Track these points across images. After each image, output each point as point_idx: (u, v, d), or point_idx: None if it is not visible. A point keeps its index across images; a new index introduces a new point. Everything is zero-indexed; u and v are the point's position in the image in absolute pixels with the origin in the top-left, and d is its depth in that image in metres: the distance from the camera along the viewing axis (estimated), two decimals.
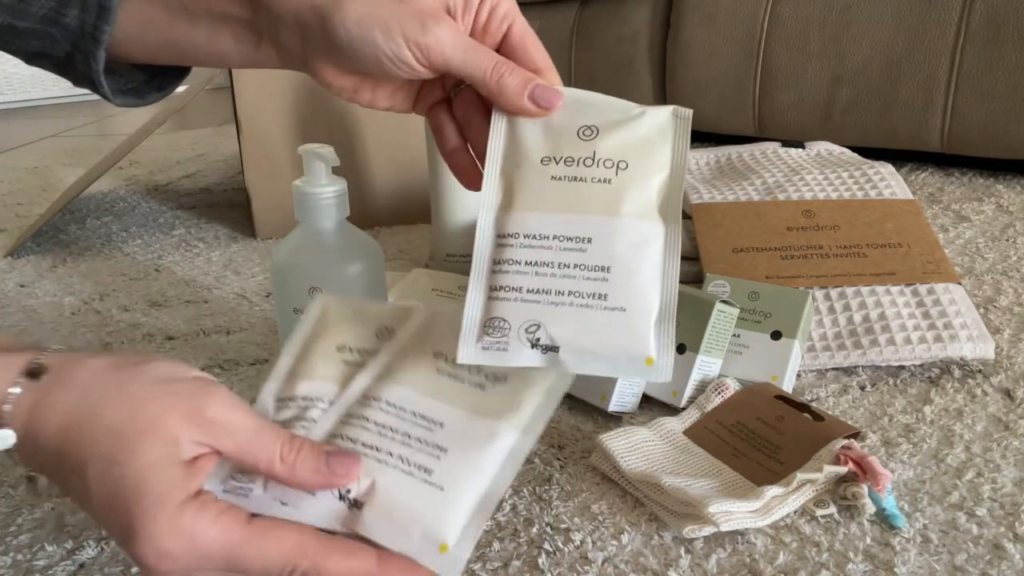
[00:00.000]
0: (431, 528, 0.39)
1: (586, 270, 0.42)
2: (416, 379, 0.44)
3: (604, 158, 0.44)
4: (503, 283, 0.42)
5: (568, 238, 0.42)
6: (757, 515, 0.46)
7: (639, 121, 0.45)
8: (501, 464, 0.41)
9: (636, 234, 0.42)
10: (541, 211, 0.43)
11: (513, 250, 0.42)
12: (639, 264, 0.42)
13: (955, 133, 1.16)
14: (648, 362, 0.41)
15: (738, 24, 1.33)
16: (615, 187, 0.43)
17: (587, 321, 0.41)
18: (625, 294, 0.41)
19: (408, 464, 0.41)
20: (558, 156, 0.44)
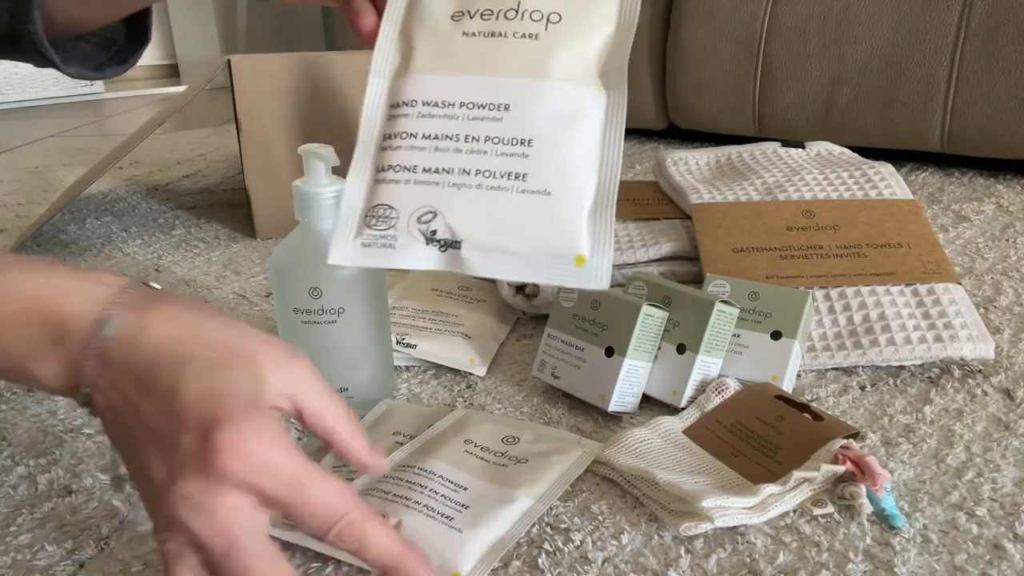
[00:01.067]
0: (447, 559, 0.42)
1: (501, 143, 0.34)
2: (446, 454, 0.49)
3: (531, 9, 0.35)
4: (393, 161, 0.34)
5: (480, 105, 0.34)
6: (753, 511, 0.46)
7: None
8: (515, 522, 0.45)
9: (567, 101, 0.34)
10: (447, 73, 0.35)
11: (408, 120, 0.34)
12: (570, 138, 0.34)
13: (955, 133, 1.16)
14: (579, 261, 0.34)
15: (738, 24, 1.33)
16: (543, 44, 0.35)
17: (499, 208, 0.33)
18: (550, 174, 0.34)
19: (432, 511, 0.45)
20: (472, 9, 0.36)
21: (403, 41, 0.36)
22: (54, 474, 0.55)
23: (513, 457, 0.52)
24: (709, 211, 0.76)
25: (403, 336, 0.67)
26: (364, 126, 0.35)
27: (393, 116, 0.35)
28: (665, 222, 0.80)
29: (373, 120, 0.35)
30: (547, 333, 0.62)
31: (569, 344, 0.61)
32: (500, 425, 0.56)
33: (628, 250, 0.74)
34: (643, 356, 0.59)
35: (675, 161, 0.90)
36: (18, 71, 2.50)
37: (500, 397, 0.62)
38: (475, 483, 0.49)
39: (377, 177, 0.34)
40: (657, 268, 0.75)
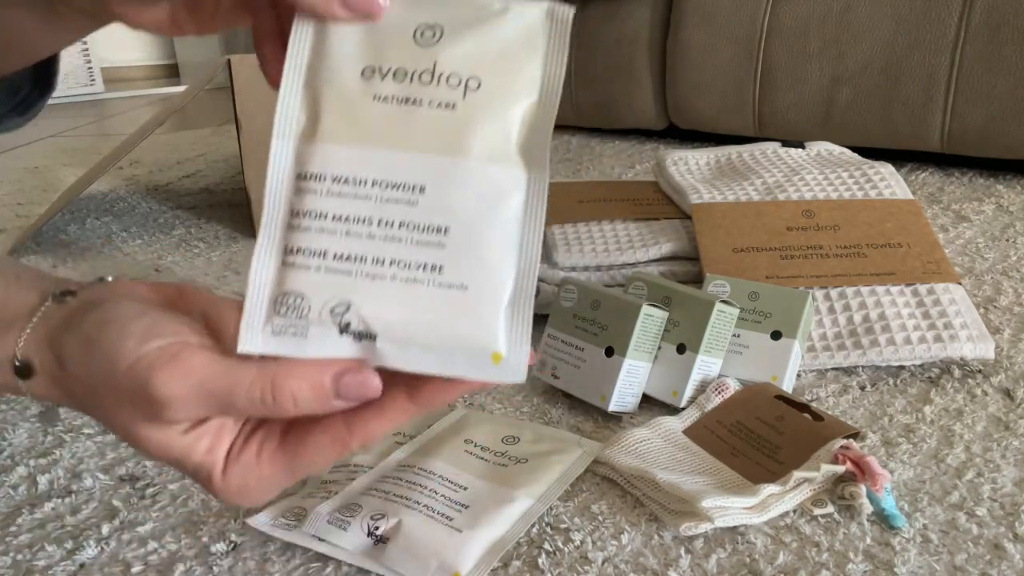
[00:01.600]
0: (447, 560, 0.43)
1: (416, 231, 0.31)
2: (446, 454, 0.51)
3: (448, 72, 0.32)
4: (302, 244, 0.32)
5: (393, 185, 0.32)
6: (753, 511, 0.46)
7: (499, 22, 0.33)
8: (515, 521, 0.46)
9: (486, 183, 0.32)
10: (357, 144, 0.32)
11: (317, 198, 0.32)
12: (488, 225, 0.32)
13: (955, 133, 1.16)
14: (495, 358, 0.32)
15: (738, 24, 1.33)
16: (461, 115, 0.32)
17: (414, 301, 0.31)
18: (467, 266, 0.31)
19: (432, 511, 0.46)
20: (385, 67, 0.32)
21: (309, 96, 0.33)
22: (54, 474, 0.55)
23: (513, 457, 0.52)
24: (709, 211, 0.76)
25: None
26: (269, 196, 0.32)
27: (301, 190, 0.32)
28: (665, 222, 0.80)
29: (278, 190, 0.32)
30: (547, 333, 0.62)
31: (569, 344, 0.61)
32: (500, 425, 0.56)
33: (628, 250, 0.74)
34: (643, 356, 0.59)
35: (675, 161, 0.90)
36: None
37: (500, 397, 0.62)
38: (475, 483, 0.49)
39: (286, 260, 0.32)
40: (657, 268, 0.75)
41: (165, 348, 0.33)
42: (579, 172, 1.33)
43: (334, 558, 0.45)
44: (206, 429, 0.35)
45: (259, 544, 0.47)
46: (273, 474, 0.36)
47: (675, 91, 1.44)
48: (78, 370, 0.35)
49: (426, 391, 0.33)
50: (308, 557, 0.46)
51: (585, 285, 0.61)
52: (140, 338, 0.34)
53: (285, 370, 0.32)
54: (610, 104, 1.55)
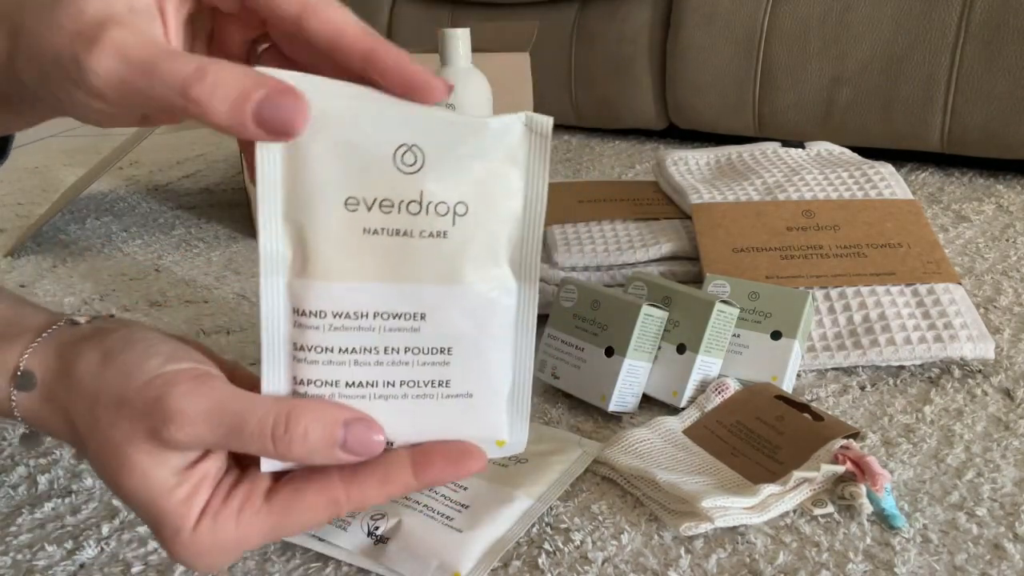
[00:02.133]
0: (447, 560, 0.43)
1: (421, 354, 0.33)
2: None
3: (436, 202, 0.32)
4: (312, 376, 0.33)
5: (395, 315, 0.32)
6: (753, 512, 0.46)
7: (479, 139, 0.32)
8: (515, 521, 0.46)
9: (482, 303, 0.33)
10: (355, 280, 0.32)
11: (320, 334, 0.32)
12: (487, 338, 0.34)
13: (955, 133, 1.16)
14: (499, 444, 0.35)
15: (738, 24, 1.33)
16: (452, 243, 0.32)
17: (425, 412, 0.34)
18: (471, 377, 0.34)
19: (432, 511, 0.46)
20: (369, 197, 0.32)
21: (292, 230, 0.32)
22: (54, 474, 0.55)
23: (513, 457, 0.52)
24: (709, 211, 0.76)
25: None
26: (266, 333, 0.32)
27: (301, 325, 0.32)
28: (665, 222, 0.80)
29: (276, 326, 0.32)
30: (547, 333, 0.62)
31: (569, 344, 0.61)
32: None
33: (628, 250, 0.74)
34: (643, 356, 0.59)
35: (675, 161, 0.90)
36: None
37: None
38: (475, 483, 0.49)
39: (296, 390, 0.33)
40: (657, 268, 0.75)
41: (189, 369, 0.34)
42: (579, 172, 1.33)
43: (334, 558, 0.45)
44: (190, 475, 0.33)
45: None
46: (252, 533, 0.34)
47: (675, 91, 1.44)
48: (86, 379, 0.34)
49: (432, 471, 0.34)
50: (308, 557, 0.46)
51: (585, 285, 0.61)
52: (166, 358, 0.34)
53: (303, 406, 0.32)
54: (610, 104, 1.55)
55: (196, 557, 0.34)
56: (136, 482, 0.33)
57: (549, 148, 0.33)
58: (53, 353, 0.36)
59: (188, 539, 0.33)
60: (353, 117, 0.31)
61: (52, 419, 0.36)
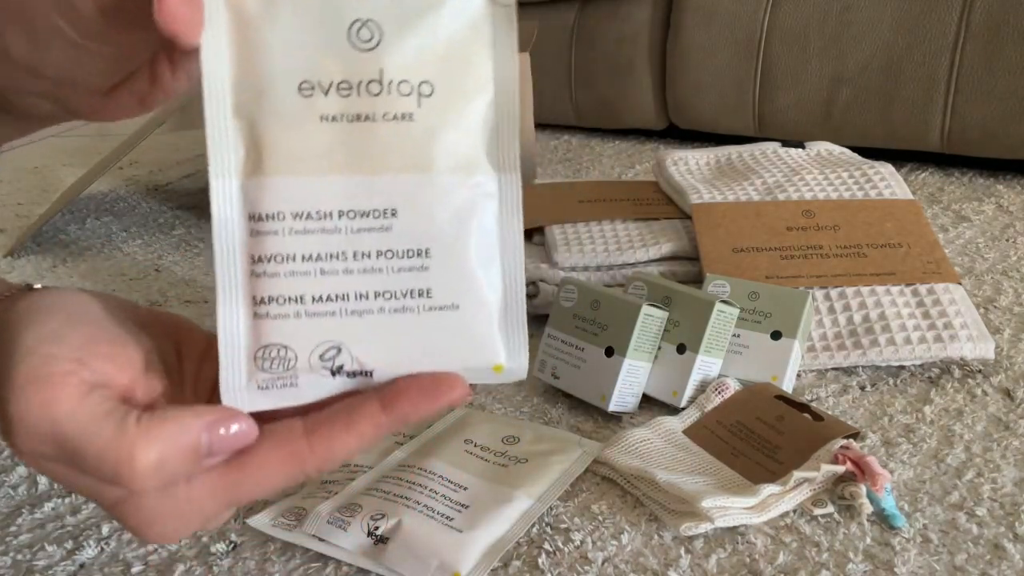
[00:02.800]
0: (447, 560, 0.43)
1: (396, 257, 0.29)
2: (446, 454, 0.51)
3: (398, 79, 0.29)
4: (273, 292, 0.29)
5: (362, 213, 0.29)
6: (753, 512, 0.46)
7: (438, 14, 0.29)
8: (515, 521, 0.47)
9: (459, 196, 0.29)
10: (312, 173, 0.28)
11: (279, 239, 0.28)
12: (469, 239, 0.30)
13: (955, 133, 1.16)
14: (497, 369, 0.31)
15: (738, 24, 1.33)
16: (420, 125, 0.29)
17: (407, 330, 0.29)
18: (455, 285, 0.30)
19: (432, 511, 0.46)
20: (326, 80, 0.28)
21: (243, 124, 0.28)
22: None
23: (513, 457, 0.52)
24: (709, 211, 0.76)
25: None
26: (219, 243, 0.28)
27: (257, 232, 0.28)
28: (665, 222, 0.80)
29: (230, 237, 0.28)
30: (547, 333, 0.62)
31: (569, 344, 0.61)
32: (500, 425, 0.56)
33: (628, 250, 0.74)
34: (643, 356, 0.59)
35: (675, 161, 0.90)
36: None
37: (500, 397, 0.62)
38: (475, 483, 0.49)
39: (257, 311, 0.29)
40: (657, 268, 0.75)
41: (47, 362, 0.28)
42: (579, 172, 1.33)
43: (334, 558, 0.45)
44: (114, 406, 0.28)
45: (259, 544, 0.47)
46: (205, 498, 0.29)
47: (675, 91, 1.44)
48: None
49: (403, 402, 0.30)
50: (308, 557, 0.46)
51: (585, 285, 0.61)
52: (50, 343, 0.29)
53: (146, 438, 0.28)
54: (610, 104, 1.55)
55: (145, 526, 0.30)
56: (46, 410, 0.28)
57: (515, 19, 0.30)
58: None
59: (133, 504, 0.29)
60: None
61: None
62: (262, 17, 0.28)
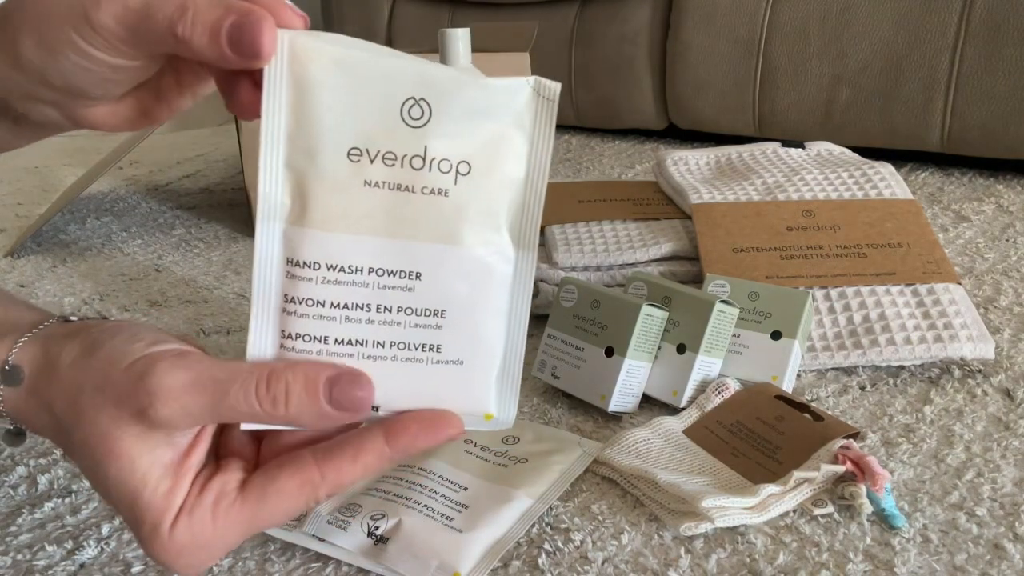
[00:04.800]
0: (447, 560, 0.43)
1: (415, 315, 0.32)
2: (446, 454, 0.50)
3: (440, 158, 0.32)
4: (301, 330, 0.32)
5: (391, 272, 0.32)
6: (753, 512, 0.46)
7: (486, 100, 0.32)
8: (515, 521, 0.46)
9: (478, 267, 0.33)
10: (352, 232, 0.32)
11: (312, 286, 0.32)
12: (482, 306, 0.33)
13: (955, 133, 1.16)
14: (487, 417, 0.34)
15: (738, 24, 1.33)
16: (453, 203, 0.32)
17: (414, 377, 0.33)
18: (463, 344, 0.33)
19: (432, 511, 0.46)
20: (373, 149, 0.31)
21: (292, 177, 0.31)
22: (54, 474, 0.55)
23: (513, 457, 0.52)
24: (709, 211, 0.76)
25: None
26: (258, 280, 0.32)
27: (293, 276, 0.32)
28: (665, 222, 0.80)
29: (268, 275, 0.32)
30: (547, 333, 0.62)
31: (569, 344, 0.61)
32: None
33: (628, 250, 0.74)
34: (643, 356, 0.59)
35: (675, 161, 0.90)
36: None
37: None
38: (475, 483, 0.49)
39: (284, 343, 0.32)
40: (657, 268, 0.75)
41: (172, 349, 0.34)
42: (579, 172, 1.33)
43: (334, 558, 0.45)
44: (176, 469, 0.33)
45: (259, 544, 0.47)
46: (229, 527, 0.33)
47: (675, 91, 1.44)
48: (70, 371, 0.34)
49: (405, 436, 0.33)
50: (308, 557, 0.46)
51: (585, 285, 0.61)
52: (149, 342, 0.34)
53: (285, 365, 0.32)
54: (610, 104, 1.55)
55: (175, 557, 0.33)
56: (122, 470, 0.32)
57: (555, 114, 0.33)
58: (40, 349, 0.36)
59: (166, 538, 0.33)
60: (363, 67, 0.31)
61: (37, 414, 0.35)
62: (323, 84, 0.31)
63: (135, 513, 0.33)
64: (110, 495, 0.34)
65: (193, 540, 0.33)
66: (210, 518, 0.33)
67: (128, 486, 0.33)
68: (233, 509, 0.33)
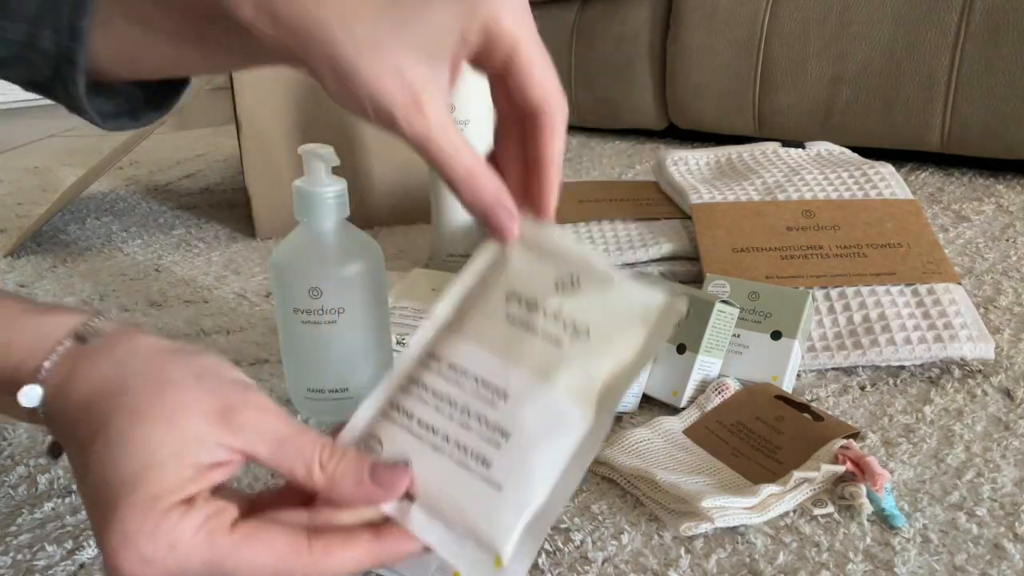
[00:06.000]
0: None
1: (485, 426, 0.35)
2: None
3: (568, 319, 0.37)
4: (402, 404, 0.37)
5: (487, 384, 0.36)
6: (753, 511, 0.46)
7: (626, 294, 0.38)
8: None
9: (557, 412, 0.35)
10: (477, 344, 0.38)
11: (431, 375, 0.37)
12: (542, 446, 0.35)
13: (955, 133, 1.16)
14: (497, 562, 0.34)
15: (738, 24, 1.33)
16: (563, 353, 0.36)
17: (457, 482, 0.35)
18: (510, 471, 0.34)
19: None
20: (522, 294, 0.38)
21: (466, 301, 0.39)
22: (54, 474, 0.55)
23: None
24: (709, 211, 0.76)
25: (403, 336, 0.67)
26: (401, 362, 0.39)
27: (424, 364, 0.38)
28: (665, 222, 0.80)
29: (410, 358, 0.39)
30: None
31: None
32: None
33: (628, 250, 0.74)
34: None
35: (675, 161, 0.90)
36: None
37: None
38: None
39: (385, 410, 0.38)
40: (657, 268, 0.75)
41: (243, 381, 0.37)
42: (579, 172, 1.33)
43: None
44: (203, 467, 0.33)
45: None
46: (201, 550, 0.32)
47: (675, 91, 1.44)
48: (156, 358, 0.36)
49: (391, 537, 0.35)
50: None
51: None
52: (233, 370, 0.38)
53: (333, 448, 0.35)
54: (610, 104, 1.55)
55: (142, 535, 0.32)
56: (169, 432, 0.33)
57: (676, 323, 0.38)
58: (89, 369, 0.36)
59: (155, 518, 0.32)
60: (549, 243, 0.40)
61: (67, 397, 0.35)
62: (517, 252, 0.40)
63: (147, 475, 0.32)
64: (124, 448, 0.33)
65: (169, 534, 0.32)
66: (194, 528, 0.32)
67: (162, 450, 0.33)
68: (216, 534, 0.33)
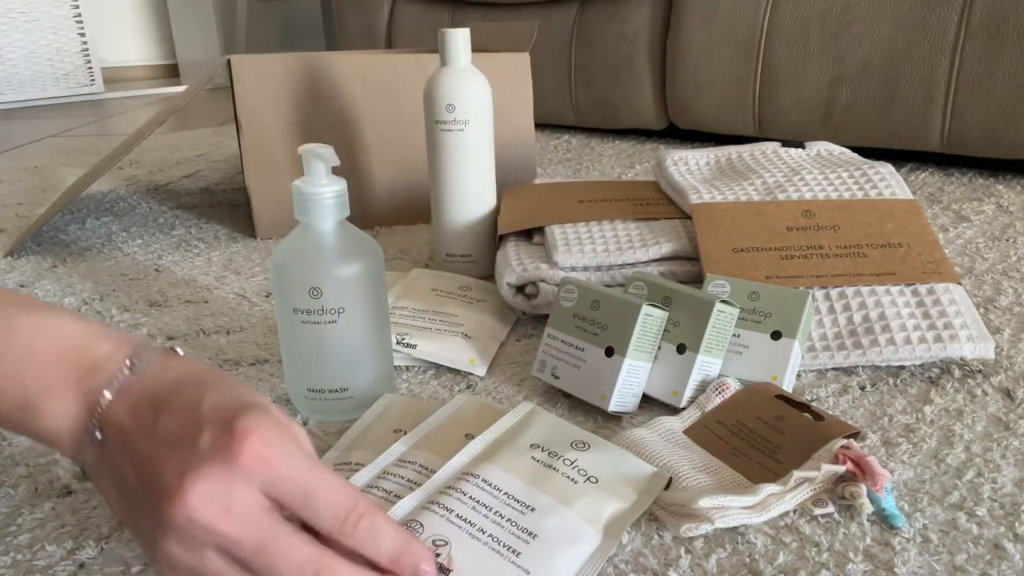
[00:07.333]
0: None
1: (516, 528, 0.44)
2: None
3: (582, 465, 0.49)
4: (443, 502, 0.46)
5: (517, 500, 0.46)
6: (753, 511, 0.46)
7: (631, 460, 0.50)
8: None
9: (572, 528, 0.45)
10: (509, 471, 0.48)
11: (468, 485, 0.47)
12: (561, 551, 0.44)
13: (955, 133, 1.16)
14: None
15: (738, 24, 1.33)
16: (579, 489, 0.48)
17: (490, 564, 0.42)
18: (537, 562, 0.43)
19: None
20: (546, 445, 0.51)
21: (496, 443, 0.51)
22: (54, 474, 0.55)
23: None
24: (709, 211, 0.76)
25: (403, 336, 0.67)
26: (441, 474, 0.48)
27: (462, 478, 0.48)
28: (665, 222, 0.80)
29: (450, 473, 0.49)
30: (547, 333, 0.62)
31: (569, 344, 0.61)
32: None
33: (628, 250, 0.74)
34: (643, 356, 0.59)
35: (675, 161, 0.90)
36: (18, 71, 2.50)
37: (500, 397, 0.62)
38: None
39: (426, 504, 0.46)
40: (657, 268, 0.75)
41: None
42: (579, 172, 1.33)
43: None
44: None
45: None
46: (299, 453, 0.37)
47: (675, 91, 1.44)
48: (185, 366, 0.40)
49: None
50: None
51: (585, 285, 0.61)
52: None
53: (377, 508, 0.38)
54: (610, 104, 1.55)
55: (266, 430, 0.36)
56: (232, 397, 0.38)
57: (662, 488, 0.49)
58: None
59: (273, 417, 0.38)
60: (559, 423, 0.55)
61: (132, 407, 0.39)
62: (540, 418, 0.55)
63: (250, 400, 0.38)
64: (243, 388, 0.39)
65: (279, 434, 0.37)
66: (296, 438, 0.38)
67: None
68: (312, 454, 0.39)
